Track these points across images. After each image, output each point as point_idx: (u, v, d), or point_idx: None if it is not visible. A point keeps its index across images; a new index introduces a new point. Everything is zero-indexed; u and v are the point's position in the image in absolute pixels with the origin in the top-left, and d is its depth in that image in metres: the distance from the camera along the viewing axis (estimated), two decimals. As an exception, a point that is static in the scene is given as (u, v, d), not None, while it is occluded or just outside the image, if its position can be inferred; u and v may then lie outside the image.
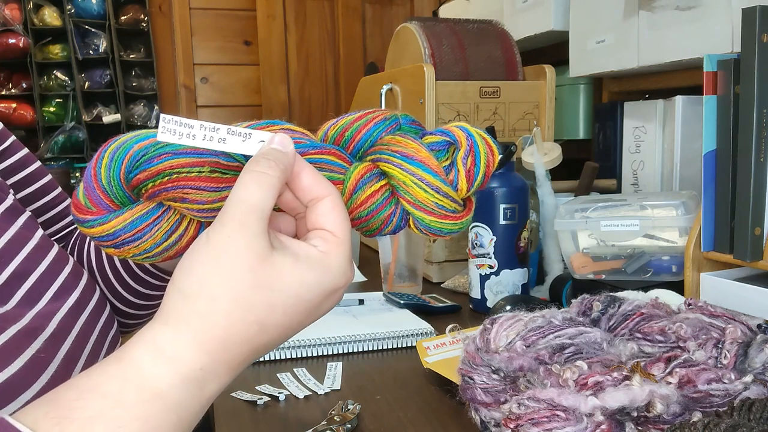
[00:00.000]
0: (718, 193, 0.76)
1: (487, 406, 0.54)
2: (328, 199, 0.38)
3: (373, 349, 0.80)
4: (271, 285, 0.34)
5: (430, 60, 1.12)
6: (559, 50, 1.33)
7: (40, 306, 0.48)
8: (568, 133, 1.41)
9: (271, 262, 0.34)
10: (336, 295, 0.38)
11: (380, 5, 3.00)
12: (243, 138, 0.38)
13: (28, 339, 0.45)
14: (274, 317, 0.35)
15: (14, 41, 2.49)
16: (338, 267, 0.37)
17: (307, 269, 0.36)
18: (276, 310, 0.35)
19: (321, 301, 0.37)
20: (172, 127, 0.36)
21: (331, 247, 0.37)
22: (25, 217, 0.52)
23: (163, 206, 0.39)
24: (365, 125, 0.44)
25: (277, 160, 0.36)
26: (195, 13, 2.80)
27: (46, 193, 0.65)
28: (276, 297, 0.34)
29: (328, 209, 0.38)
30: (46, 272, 0.50)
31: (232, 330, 0.34)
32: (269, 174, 0.35)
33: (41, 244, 0.51)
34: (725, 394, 0.48)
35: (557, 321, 0.57)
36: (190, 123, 0.37)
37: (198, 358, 0.34)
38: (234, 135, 0.38)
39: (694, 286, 0.79)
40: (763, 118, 0.70)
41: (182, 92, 2.82)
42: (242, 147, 0.38)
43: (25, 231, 0.51)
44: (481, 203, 0.92)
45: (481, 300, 0.93)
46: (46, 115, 2.63)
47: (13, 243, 0.49)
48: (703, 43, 0.93)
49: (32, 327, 0.47)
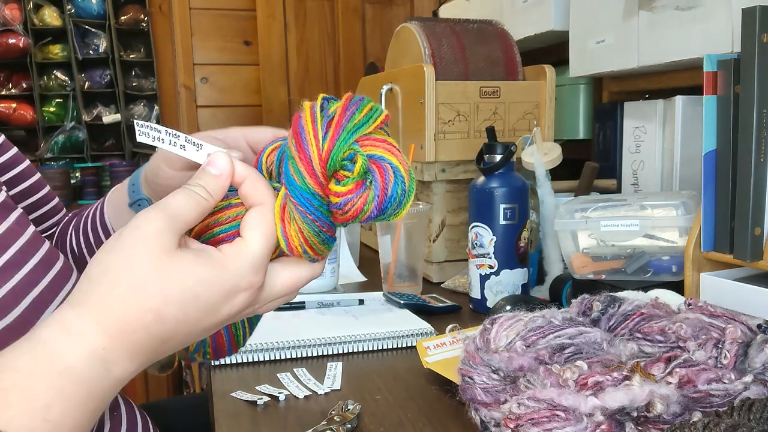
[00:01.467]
0: (718, 193, 0.76)
1: (487, 406, 0.54)
2: (254, 208, 0.41)
3: (373, 349, 0.80)
4: (167, 276, 0.37)
5: (430, 60, 1.12)
6: (559, 50, 1.33)
7: (29, 301, 0.48)
8: (568, 133, 1.41)
9: (173, 256, 0.37)
10: (236, 298, 0.39)
11: (380, 5, 3.00)
12: (197, 148, 0.42)
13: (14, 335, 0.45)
14: (169, 308, 0.37)
15: (14, 41, 2.48)
16: (237, 269, 0.39)
17: (203, 265, 0.38)
18: (171, 301, 0.37)
19: (218, 300, 0.38)
20: (146, 131, 0.42)
21: (235, 250, 0.39)
22: (17, 213, 0.52)
23: None
24: None
25: (206, 183, 0.40)
26: (195, 13, 2.80)
27: (36, 191, 0.66)
28: (171, 288, 0.37)
29: (249, 216, 0.40)
30: (38, 266, 0.50)
31: (128, 315, 0.36)
32: (196, 191, 0.40)
33: (33, 240, 0.51)
34: (725, 394, 0.48)
35: (557, 321, 0.57)
36: (159, 128, 0.42)
37: (100, 338, 0.36)
38: (190, 144, 0.42)
39: (694, 286, 0.79)
40: (763, 118, 0.70)
41: (182, 92, 2.82)
42: (196, 156, 0.42)
43: (17, 227, 0.51)
44: (482, 203, 0.92)
45: (481, 300, 0.93)
46: (46, 115, 2.63)
47: (5, 238, 0.49)
48: (703, 43, 0.93)
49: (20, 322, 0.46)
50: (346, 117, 0.40)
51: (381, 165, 0.40)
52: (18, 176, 0.64)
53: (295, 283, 0.42)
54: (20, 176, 0.64)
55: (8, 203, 0.52)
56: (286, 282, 0.42)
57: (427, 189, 1.12)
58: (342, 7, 2.92)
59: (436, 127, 1.08)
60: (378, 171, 0.40)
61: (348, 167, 0.39)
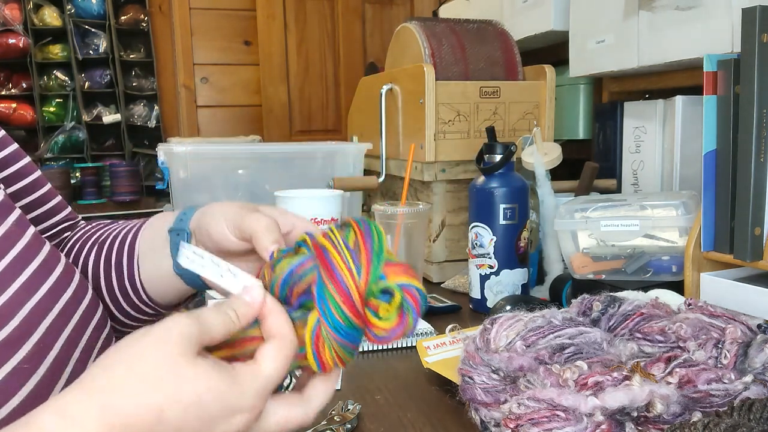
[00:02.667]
0: (718, 193, 0.76)
1: (487, 406, 0.54)
2: (273, 340, 0.41)
3: (373, 349, 0.80)
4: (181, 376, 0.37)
5: (430, 60, 1.12)
6: (559, 50, 1.33)
7: (30, 306, 0.47)
8: (568, 133, 1.41)
9: (190, 360, 0.37)
10: (235, 419, 0.39)
11: (380, 5, 3.00)
12: (234, 278, 0.44)
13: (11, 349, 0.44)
14: (172, 411, 0.36)
15: (14, 41, 2.49)
16: (247, 387, 0.39)
17: (216, 375, 0.38)
18: (177, 402, 0.36)
19: (219, 414, 0.38)
20: (190, 255, 0.44)
21: (248, 369, 0.40)
22: (16, 214, 0.51)
23: None
24: None
25: (237, 308, 0.41)
26: (195, 13, 2.80)
27: (36, 189, 0.64)
28: (182, 390, 0.37)
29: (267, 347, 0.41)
30: (38, 270, 0.49)
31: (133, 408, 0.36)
32: (228, 314, 0.41)
33: (32, 243, 0.50)
34: (725, 394, 0.48)
35: (557, 321, 0.57)
36: (203, 254, 0.44)
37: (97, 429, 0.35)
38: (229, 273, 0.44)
39: (694, 286, 0.79)
40: (763, 118, 0.70)
41: (182, 92, 2.82)
42: (231, 285, 0.44)
43: (16, 228, 0.50)
44: (482, 203, 0.92)
45: (481, 300, 0.93)
46: (46, 115, 2.63)
47: (3, 240, 0.48)
48: (703, 43, 0.93)
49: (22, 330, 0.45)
50: (370, 248, 0.42)
51: (411, 292, 0.42)
52: (18, 173, 0.62)
53: (287, 423, 0.43)
54: (20, 173, 0.62)
55: (6, 203, 0.51)
56: (279, 421, 0.42)
57: (427, 189, 1.12)
58: (342, 7, 2.92)
59: (436, 127, 1.08)
60: (411, 300, 0.42)
61: (381, 297, 0.42)
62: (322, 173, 1.21)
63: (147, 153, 2.76)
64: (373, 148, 1.26)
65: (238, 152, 1.20)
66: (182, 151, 1.11)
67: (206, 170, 1.14)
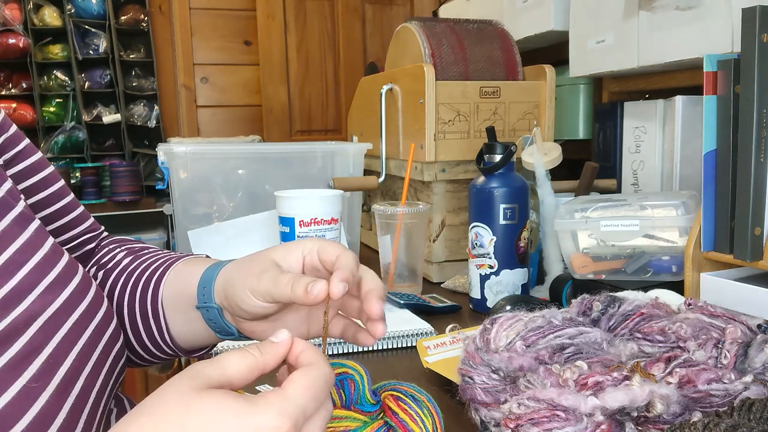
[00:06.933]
0: (718, 193, 0.76)
1: (487, 406, 0.54)
2: (301, 368, 0.41)
3: (373, 349, 0.80)
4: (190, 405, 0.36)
5: (430, 60, 1.12)
6: (559, 50, 1.33)
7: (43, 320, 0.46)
8: (568, 133, 1.41)
9: (201, 391, 0.37)
10: None
11: (380, 5, 3.00)
12: None
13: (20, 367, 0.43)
14: None
15: (14, 41, 2.49)
16: (270, 408, 0.37)
17: (232, 400, 0.37)
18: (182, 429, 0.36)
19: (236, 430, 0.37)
20: None
21: (274, 392, 0.39)
22: (35, 224, 0.50)
23: None
24: None
25: (261, 346, 0.42)
26: (195, 13, 2.80)
27: (59, 199, 0.63)
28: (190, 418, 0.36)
29: (295, 373, 0.40)
30: (54, 282, 0.48)
31: None
32: (254, 354, 0.41)
33: (50, 255, 0.49)
34: (725, 394, 0.48)
35: (557, 321, 0.57)
36: None
37: None
38: None
39: (694, 286, 0.79)
40: (763, 118, 0.70)
41: (182, 92, 2.82)
42: None
43: (35, 239, 0.49)
44: (482, 203, 0.92)
45: (481, 300, 0.93)
46: (46, 115, 2.63)
47: (23, 252, 0.47)
48: (703, 43, 0.93)
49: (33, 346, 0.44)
50: None
51: None
52: (40, 183, 0.62)
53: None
54: (42, 183, 0.62)
55: (27, 214, 0.50)
56: None
57: (427, 189, 1.12)
58: (342, 7, 2.92)
59: (436, 127, 1.08)
60: None
61: None
62: (322, 173, 1.21)
63: (147, 153, 2.76)
64: (373, 148, 1.26)
65: (238, 152, 1.20)
66: (182, 151, 1.11)
67: (206, 170, 1.14)
